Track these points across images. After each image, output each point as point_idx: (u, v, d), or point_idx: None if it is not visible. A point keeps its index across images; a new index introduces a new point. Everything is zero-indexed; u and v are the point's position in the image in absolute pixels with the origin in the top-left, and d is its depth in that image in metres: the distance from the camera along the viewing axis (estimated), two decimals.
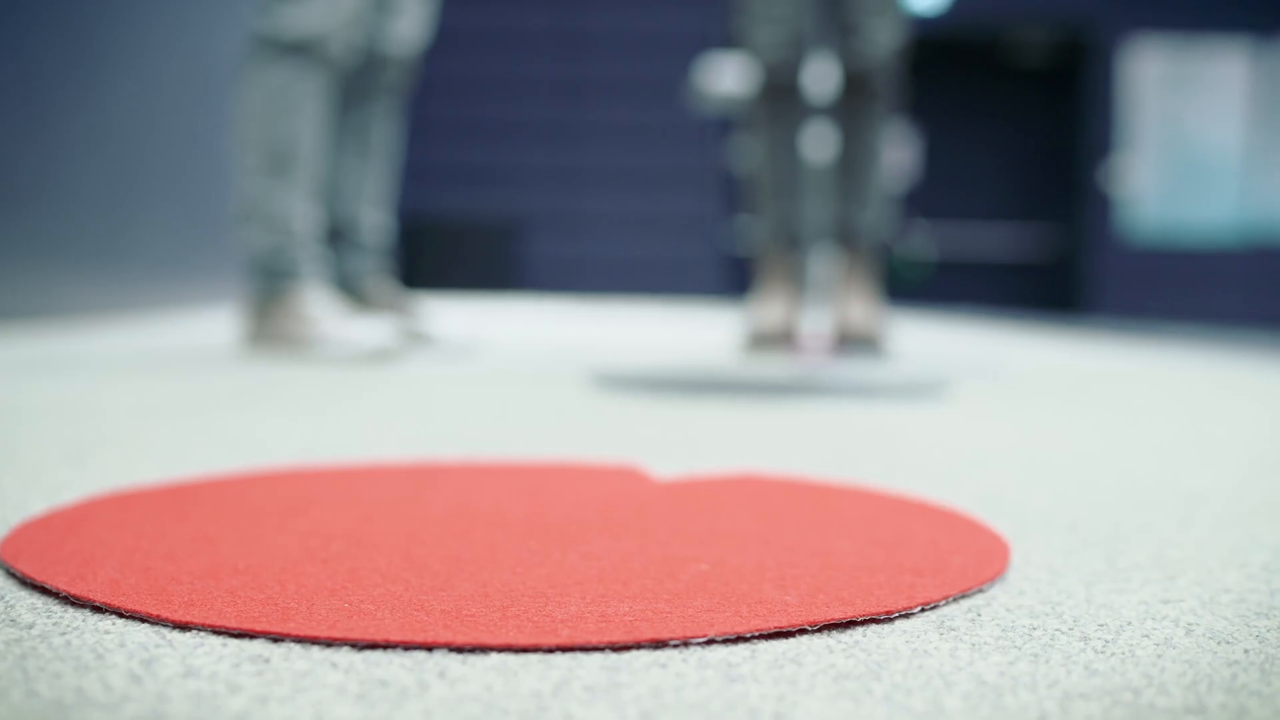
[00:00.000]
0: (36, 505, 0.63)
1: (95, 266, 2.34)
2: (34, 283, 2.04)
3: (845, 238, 1.93)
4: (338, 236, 1.72)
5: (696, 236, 7.26)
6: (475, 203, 7.19)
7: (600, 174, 7.22)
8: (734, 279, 7.95)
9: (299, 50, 1.52)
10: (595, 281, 7.29)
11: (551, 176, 7.24)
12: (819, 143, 1.58)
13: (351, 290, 1.72)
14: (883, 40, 1.84)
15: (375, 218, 1.73)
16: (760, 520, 0.61)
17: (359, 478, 0.72)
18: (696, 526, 0.59)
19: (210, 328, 2.36)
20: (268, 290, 1.53)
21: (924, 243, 7.93)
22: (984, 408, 1.28)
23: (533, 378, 1.35)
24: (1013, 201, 8.02)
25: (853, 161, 1.90)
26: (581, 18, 7.11)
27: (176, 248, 2.86)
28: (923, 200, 8.00)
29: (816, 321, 1.45)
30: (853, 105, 1.88)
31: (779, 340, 1.87)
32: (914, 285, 7.99)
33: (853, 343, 1.85)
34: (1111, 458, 0.92)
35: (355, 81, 1.68)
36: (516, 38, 7.11)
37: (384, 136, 1.67)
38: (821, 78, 1.81)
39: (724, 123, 7.27)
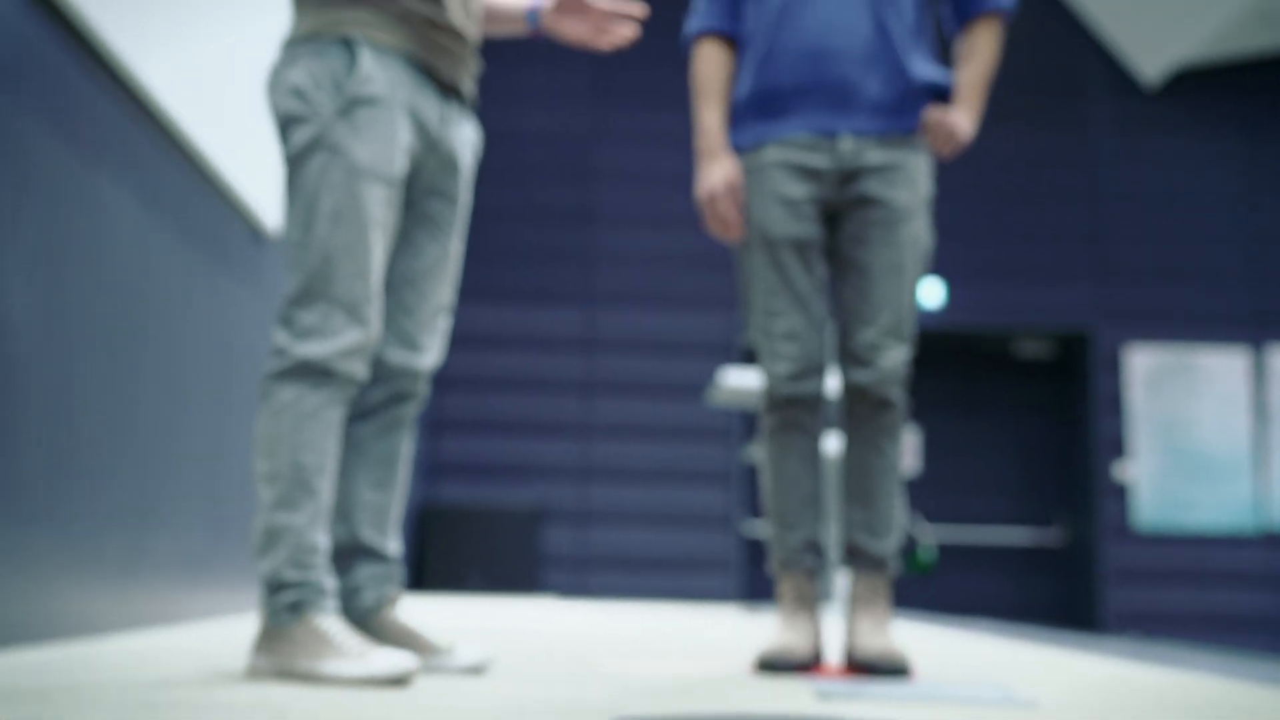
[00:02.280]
0: None
1: (112, 579, 2.31)
2: (47, 597, 2.02)
3: (862, 564, 1.85)
4: (353, 564, 1.68)
5: (718, 534, 7.21)
6: (492, 497, 7.21)
7: (619, 470, 7.27)
8: (757, 580, 7.82)
9: (323, 378, 1.51)
10: (613, 580, 7.20)
11: (569, 472, 7.27)
12: (833, 460, 1.57)
13: (366, 619, 1.67)
14: (893, 366, 1.84)
15: (393, 546, 1.70)
16: None
17: None
18: None
19: (227, 641, 2.30)
20: (283, 620, 1.48)
21: (927, 540, 7.84)
22: None
23: (547, 712, 1.30)
24: (1015, 493, 7.98)
25: (865, 479, 1.83)
26: (602, 320, 7.33)
27: (199, 557, 2.85)
28: (922, 494, 7.97)
29: (835, 644, 1.40)
30: (862, 417, 1.84)
31: (797, 664, 1.78)
32: (920, 576, 7.85)
33: (873, 668, 1.75)
34: None
35: (379, 406, 1.68)
36: (538, 339, 7.32)
37: (407, 463, 1.67)
38: (831, 389, 1.81)
39: (746, 419, 7.36)
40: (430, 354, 1.68)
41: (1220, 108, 7.31)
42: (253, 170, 2.93)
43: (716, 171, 1.84)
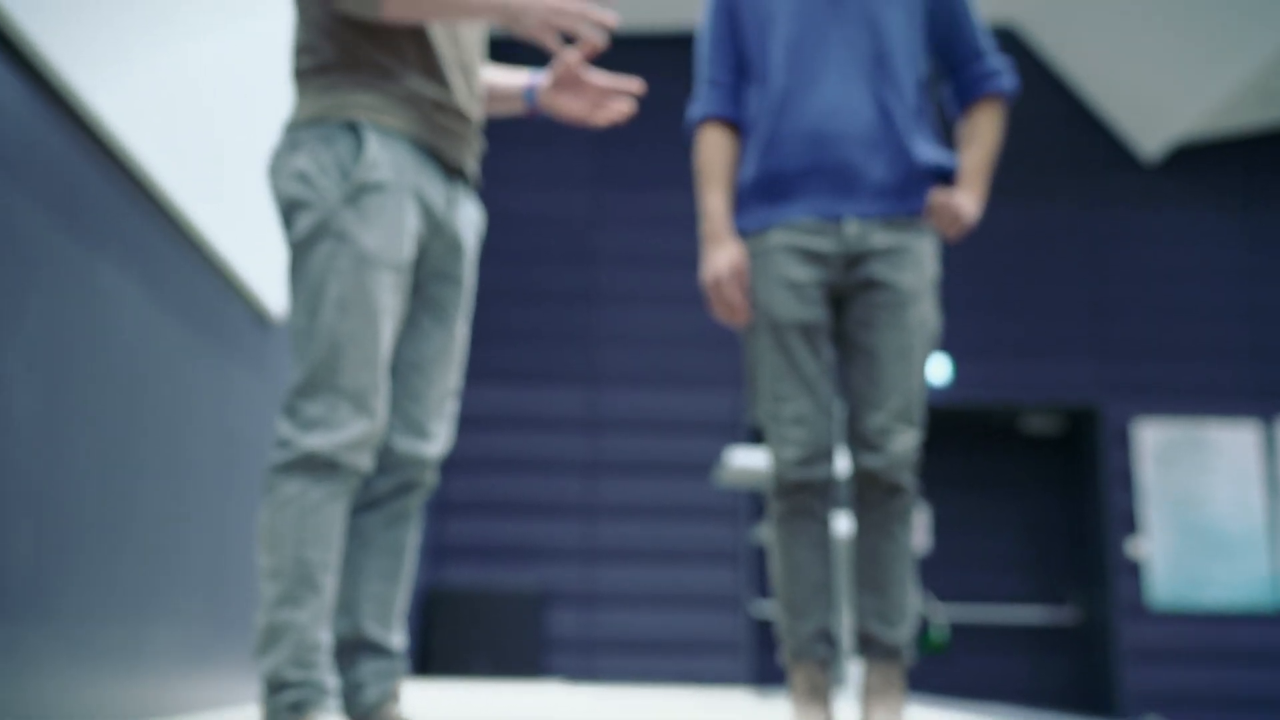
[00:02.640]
0: None
1: (111, 671, 2.27)
2: (46, 689, 1.98)
3: (875, 652, 1.80)
4: (356, 659, 1.63)
5: (728, 616, 7.11)
6: (496, 579, 7.13)
7: (624, 551, 7.20)
8: (767, 663, 7.71)
9: (328, 470, 1.47)
10: (620, 663, 7.09)
11: (574, 553, 7.20)
12: (844, 541, 1.54)
13: (369, 716, 1.62)
14: (904, 450, 1.81)
15: (398, 640, 1.66)
16: None
17: None
18: None
19: None
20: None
21: (939, 619, 7.73)
22: None
23: None
24: (1027, 571, 7.88)
25: (877, 565, 1.78)
26: (605, 400, 7.31)
27: (200, 649, 2.80)
28: (932, 572, 7.88)
29: None
30: (872, 502, 1.80)
31: None
32: (932, 656, 7.72)
33: None
34: None
35: (386, 496, 1.64)
36: (541, 420, 7.29)
37: (414, 553, 1.63)
38: (841, 469, 1.78)
39: (754, 498, 7.30)
40: (439, 442, 1.65)
41: (1221, 182, 7.35)
42: (256, 254, 2.94)
43: (721, 256, 1.83)
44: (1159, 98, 6.78)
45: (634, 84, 1.62)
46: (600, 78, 1.65)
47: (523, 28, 1.49)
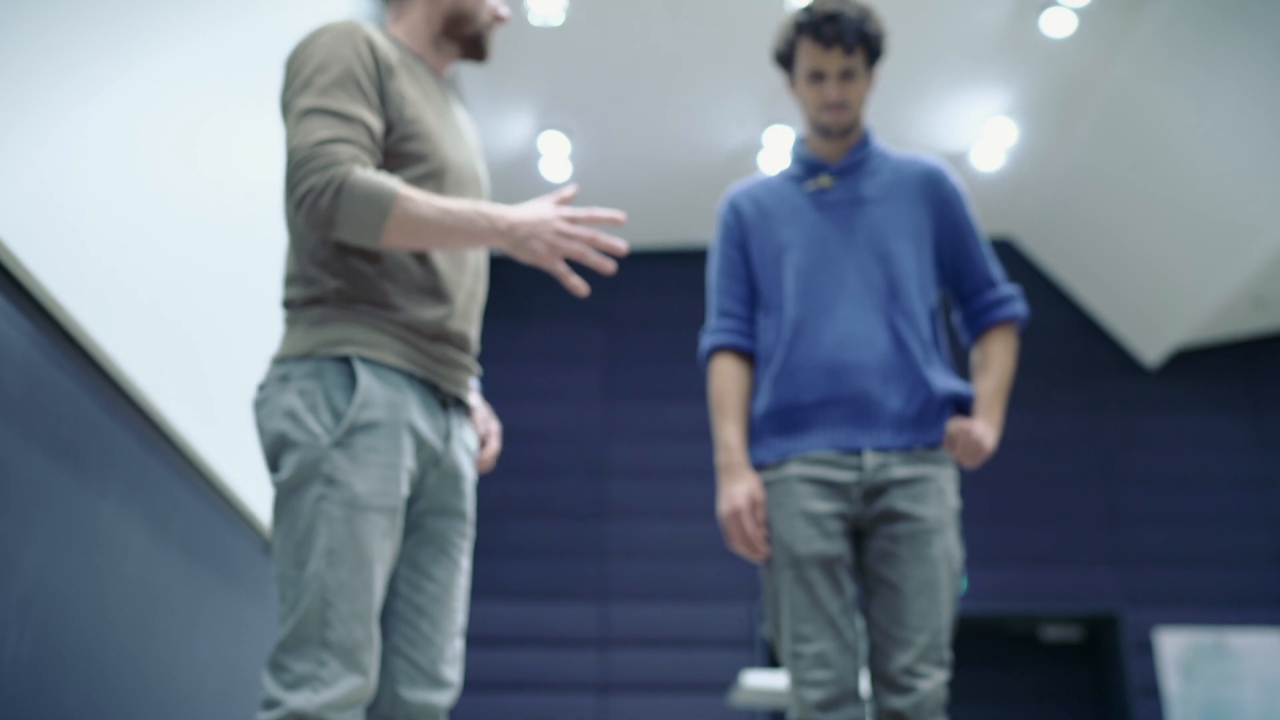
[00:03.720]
0: None
1: None
2: None
3: None
4: None
5: None
6: None
7: None
8: None
9: None
10: None
11: None
12: None
13: None
14: (932, 690, 1.72)
15: None
16: None
17: None
18: None
19: None
20: None
21: None
22: None
23: None
24: None
25: None
26: (616, 615, 7.14)
27: None
28: None
29: None
30: None
31: None
32: None
33: None
34: None
35: None
36: (551, 637, 7.11)
37: None
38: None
39: (773, 718, 7.04)
40: (451, 690, 1.54)
41: (1225, 386, 7.36)
42: (259, 479, 2.90)
43: (739, 489, 1.78)
44: (1154, 306, 6.87)
45: (617, 215, 1.49)
46: (598, 212, 1.49)
47: (527, 253, 1.45)
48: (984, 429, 1.80)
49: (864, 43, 1.84)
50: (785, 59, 1.90)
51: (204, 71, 2.44)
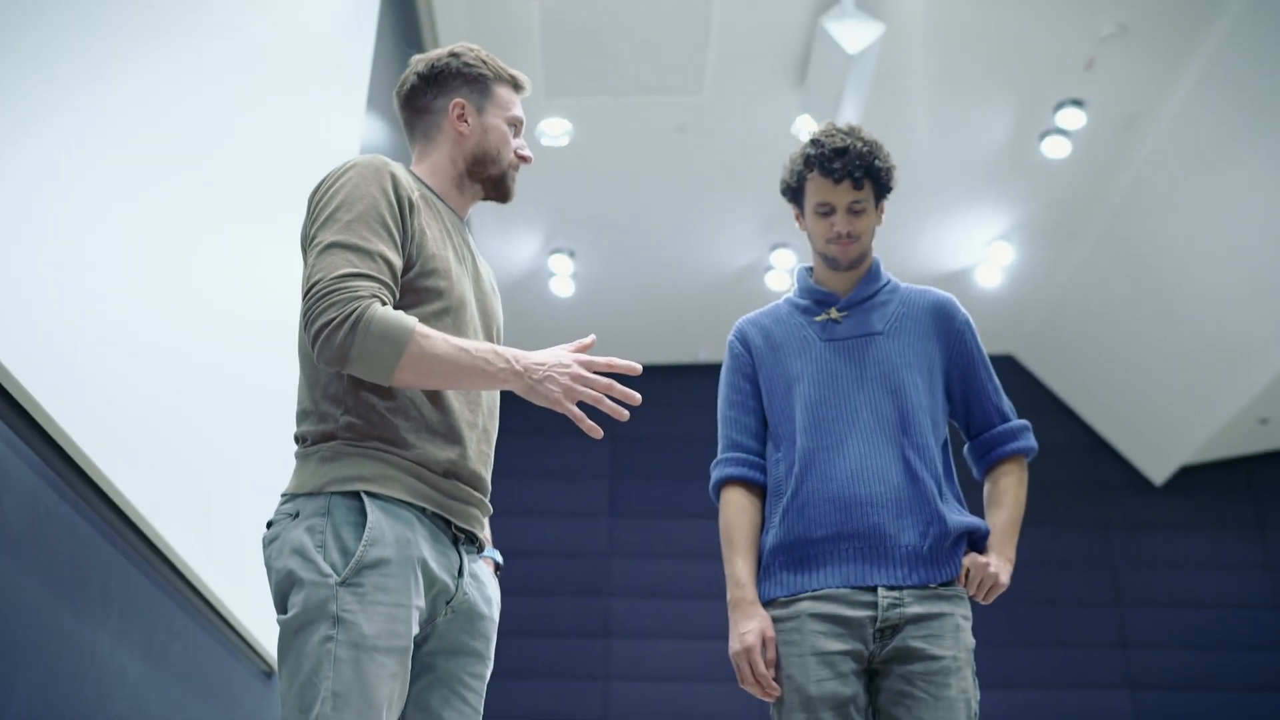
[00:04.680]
0: None
1: None
2: None
3: None
4: None
5: None
6: None
7: None
8: None
9: None
10: None
11: None
12: None
13: None
14: None
15: None
16: None
17: None
18: None
19: None
20: None
21: None
22: None
23: None
24: None
25: None
26: None
27: None
28: None
29: None
30: None
31: None
32: None
33: None
34: None
35: None
36: None
37: None
38: None
39: None
40: None
41: (1232, 503, 7.29)
42: (260, 605, 2.85)
43: (750, 626, 1.74)
44: (1157, 426, 6.86)
45: (633, 397, 1.47)
46: (616, 362, 1.48)
47: (541, 396, 1.44)
48: (999, 564, 1.77)
49: (873, 177, 1.85)
50: (793, 192, 1.91)
51: (224, 202, 2.47)
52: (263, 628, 2.84)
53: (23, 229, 1.66)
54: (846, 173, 1.83)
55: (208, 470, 2.44)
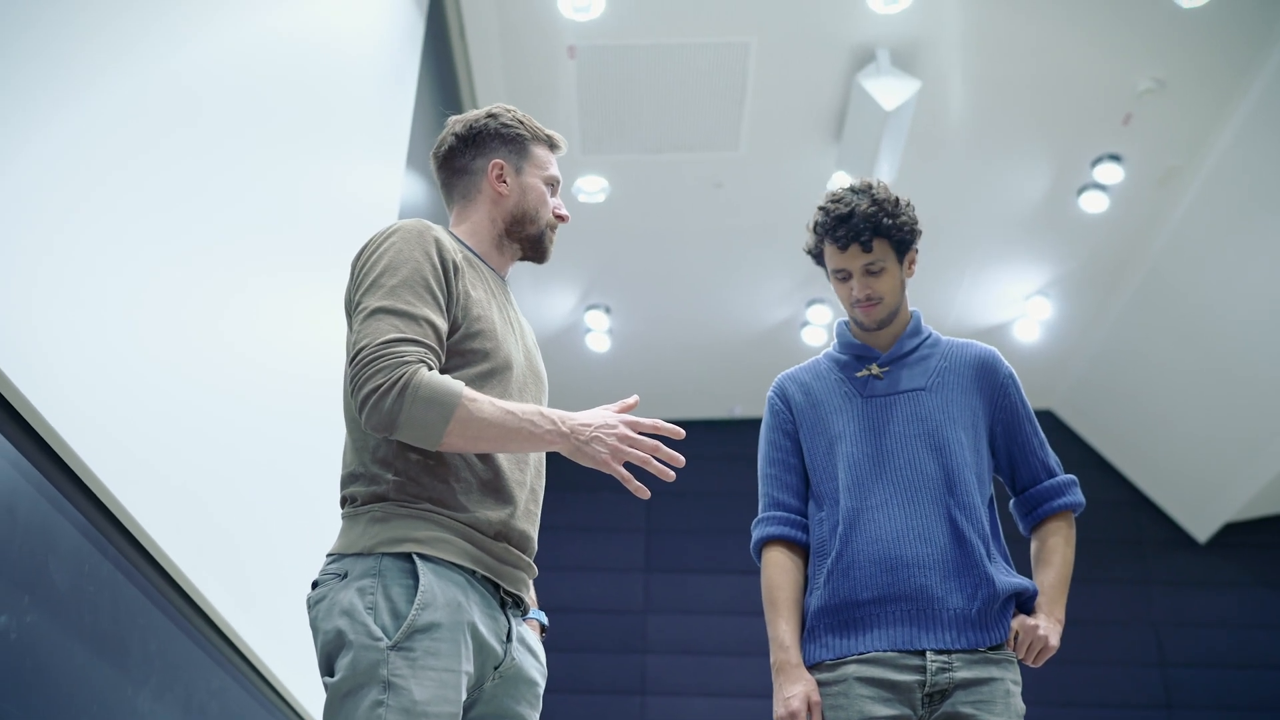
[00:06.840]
0: None
1: None
2: None
3: None
4: None
5: None
6: None
7: None
8: None
9: None
10: None
11: None
12: None
13: None
14: None
15: None
16: None
17: None
18: None
19: None
20: None
21: None
22: None
23: None
24: None
25: None
26: None
27: None
28: None
29: None
30: None
31: None
32: None
33: None
34: None
35: None
36: None
37: None
38: None
39: None
40: None
41: (1274, 561, 7.15)
42: (299, 662, 2.84)
43: (795, 690, 1.71)
44: (1200, 482, 6.75)
45: (675, 430, 1.47)
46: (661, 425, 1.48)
47: (587, 457, 1.44)
48: (1049, 626, 1.73)
49: (884, 235, 1.83)
50: (816, 256, 1.91)
51: (258, 256, 2.49)
52: (300, 685, 2.83)
53: (57, 285, 1.68)
54: (852, 238, 1.81)
55: (245, 529, 2.44)
